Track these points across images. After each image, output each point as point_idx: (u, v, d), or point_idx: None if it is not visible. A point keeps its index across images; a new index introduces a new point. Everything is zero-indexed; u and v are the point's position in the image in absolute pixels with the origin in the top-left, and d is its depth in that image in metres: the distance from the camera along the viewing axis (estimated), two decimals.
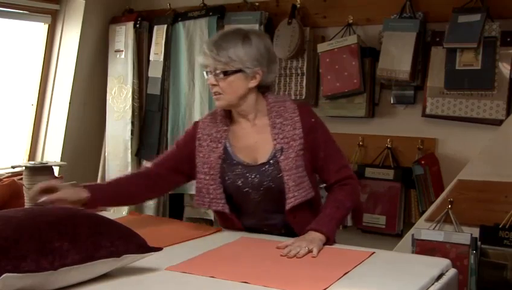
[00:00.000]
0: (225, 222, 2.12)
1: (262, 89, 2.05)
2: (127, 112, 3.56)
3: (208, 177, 2.02)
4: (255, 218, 2.07)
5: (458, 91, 2.82)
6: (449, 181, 2.78)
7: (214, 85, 1.96)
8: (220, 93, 1.97)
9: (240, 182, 2.00)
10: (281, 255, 1.75)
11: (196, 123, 2.14)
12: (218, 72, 1.94)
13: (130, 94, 3.56)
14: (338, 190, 2.02)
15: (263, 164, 1.99)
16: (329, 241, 1.87)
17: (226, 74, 1.93)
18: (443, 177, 2.93)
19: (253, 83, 1.98)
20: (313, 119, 2.03)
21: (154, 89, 3.54)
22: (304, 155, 1.98)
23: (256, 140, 2.02)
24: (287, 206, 1.96)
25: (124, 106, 3.58)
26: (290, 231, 2.02)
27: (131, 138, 3.55)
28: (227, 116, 2.07)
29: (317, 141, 2.01)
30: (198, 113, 3.39)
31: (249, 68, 1.95)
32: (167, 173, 2.11)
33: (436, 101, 2.90)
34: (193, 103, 3.43)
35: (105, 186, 2.13)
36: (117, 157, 3.59)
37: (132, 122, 3.55)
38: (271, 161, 1.98)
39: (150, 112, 3.57)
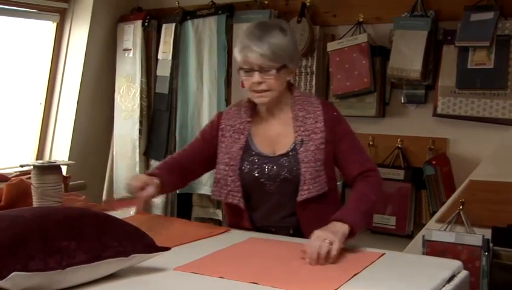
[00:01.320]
0: (234, 218, 2.12)
1: (287, 82, 2.07)
2: (135, 111, 3.57)
3: (227, 168, 2.03)
4: (266, 212, 2.06)
5: (470, 90, 2.81)
6: (460, 182, 2.76)
7: (259, 83, 1.95)
8: (266, 90, 1.97)
9: (256, 172, 2.01)
10: (305, 258, 1.69)
11: (220, 114, 2.16)
12: (267, 69, 1.93)
13: (138, 93, 3.56)
14: (362, 183, 2.00)
15: (282, 156, 2.01)
16: (354, 232, 1.82)
17: (278, 70, 1.93)
18: (454, 178, 2.92)
19: (289, 77, 2.02)
20: (335, 113, 2.07)
21: (162, 88, 3.54)
22: (325, 148, 1.99)
23: (278, 132, 2.04)
24: (300, 198, 1.96)
25: (132, 105, 3.59)
26: (298, 232, 2.02)
27: (140, 137, 3.56)
28: (252, 107, 2.08)
29: (340, 133, 2.03)
30: (206, 112, 3.39)
31: (291, 63, 1.98)
32: (193, 165, 2.15)
33: (447, 101, 2.89)
34: (201, 102, 3.43)
35: (166, 178, 2.08)
36: (125, 156, 3.60)
37: (140, 122, 3.56)
38: (290, 153, 2.00)
39: (158, 111, 3.58)
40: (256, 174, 2.01)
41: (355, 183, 2.01)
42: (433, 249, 2.56)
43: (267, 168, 2.01)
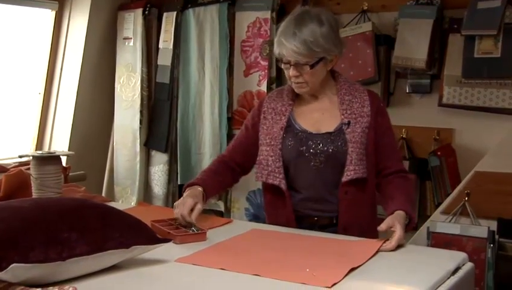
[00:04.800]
0: (274, 207, 2.11)
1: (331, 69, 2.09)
2: (136, 101, 3.57)
3: (268, 149, 2.04)
4: (308, 194, 2.04)
5: (476, 80, 2.80)
6: (466, 173, 2.76)
7: (296, 76, 1.99)
8: (303, 83, 2.00)
9: (302, 147, 2.02)
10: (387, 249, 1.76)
11: (262, 99, 2.20)
12: (301, 64, 1.96)
13: (138, 83, 3.56)
14: (401, 180, 2.05)
15: (328, 133, 2.02)
16: (411, 223, 1.93)
17: (312, 66, 1.96)
18: (460, 169, 2.92)
19: (330, 66, 2.04)
20: (381, 104, 2.12)
21: (163, 78, 3.54)
22: (369, 134, 2.02)
23: (323, 113, 2.07)
24: (345, 178, 1.97)
25: (133, 95, 3.58)
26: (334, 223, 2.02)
27: (140, 128, 3.56)
28: (294, 92, 2.10)
29: (383, 125, 2.07)
30: (208, 102, 3.39)
31: (330, 54, 1.99)
32: (242, 158, 2.17)
33: (453, 91, 2.88)
34: (203, 92, 3.42)
35: (210, 181, 2.11)
36: (125, 147, 3.60)
37: (141, 112, 3.56)
38: (336, 132, 2.02)
39: (159, 101, 3.57)
40: (302, 148, 2.02)
41: (394, 179, 2.05)
42: (438, 241, 2.56)
43: (313, 143, 2.01)
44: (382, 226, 1.85)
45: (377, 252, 1.72)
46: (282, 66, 2.02)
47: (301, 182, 2.06)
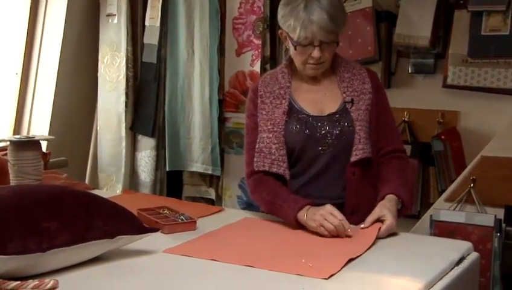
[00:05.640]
0: None
1: None
2: (121, 82, 3.54)
3: (271, 136, 2.03)
4: (313, 178, 2.04)
5: (483, 59, 2.80)
6: (472, 158, 2.77)
7: (319, 57, 1.99)
8: (322, 63, 2.02)
9: (307, 131, 2.02)
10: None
11: (255, 83, 2.19)
12: (327, 42, 1.96)
13: (123, 63, 3.53)
14: (398, 161, 2.07)
15: (333, 114, 2.03)
16: (405, 209, 1.93)
17: (338, 43, 2.01)
18: (465, 154, 2.93)
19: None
20: (380, 82, 2.17)
21: (150, 57, 3.52)
22: (371, 111, 2.04)
23: (323, 93, 2.08)
24: (354, 158, 1.99)
25: (118, 76, 3.56)
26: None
27: (126, 111, 3.54)
28: (289, 72, 2.11)
29: (383, 103, 2.11)
30: (198, 83, 3.37)
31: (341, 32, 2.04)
32: None
33: (458, 70, 2.88)
34: (192, 72, 3.41)
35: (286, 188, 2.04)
36: (110, 131, 3.59)
37: (126, 94, 3.54)
38: (340, 112, 2.03)
39: (146, 82, 3.55)
40: (307, 132, 2.02)
41: (391, 160, 2.07)
42: (442, 229, 2.58)
43: (319, 127, 2.02)
44: (368, 220, 1.84)
45: (375, 241, 1.73)
46: (299, 49, 1.98)
47: (306, 167, 2.05)
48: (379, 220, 1.84)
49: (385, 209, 1.86)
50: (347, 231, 1.79)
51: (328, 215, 1.81)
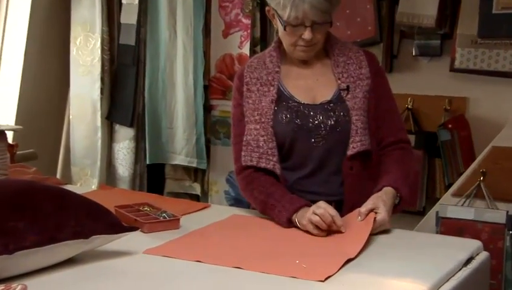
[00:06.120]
0: None
1: None
2: (95, 66, 3.53)
3: (258, 127, 2.03)
4: (307, 174, 2.04)
5: (495, 40, 2.81)
6: (482, 148, 2.79)
7: (310, 39, 1.97)
8: (313, 45, 2.00)
9: (298, 120, 2.01)
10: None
11: (241, 69, 2.17)
12: (319, 23, 1.95)
13: (98, 45, 3.52)
14: (402, 152, 2.07)
15: (327, 103, 2.03)
16: (403, 203, 1.93)
17: (331, 23, 2.00)
18: (474, 144, 2.94)
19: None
20: (379, 65, 2.16)
21: (127, 39, 3.51)
22: (370, 99, 2.03)
23: (316, 80, 2.07)
24: (351, 151, 1.98)
25: (92, 59, 3.55)
26: (339, 206, 1.99)
27: (101, 98, 3.53)
28: (278, 56, 2.10)
29: (383, 88, 2.10)
30: (181, 67, 3.37)
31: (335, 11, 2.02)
32: None
33: (467, 53, 2.89)
34: (175, 55, 3.40)
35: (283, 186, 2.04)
36: (84, 120, 3.58)
37: (102, 79, 3.53)
38: (335, 100, 2.02)
39: (123, 66, 3.54)
40: (300, 123, 2.01)
41: (393, 152, 2.07)
42: (449, 227, 2.59)
43: (311, 117, 2.01)
44: (361, 211, 1.83)
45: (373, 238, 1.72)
46: (288, 29, 1.97)
47: (299, 161, 2.05)
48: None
49: (380, 201, 1.85)
50: (339, 227, 1.79)
51: (317, 208, 1.82)
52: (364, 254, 1.64)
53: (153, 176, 3.58)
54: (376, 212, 1.82)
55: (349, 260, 1.57)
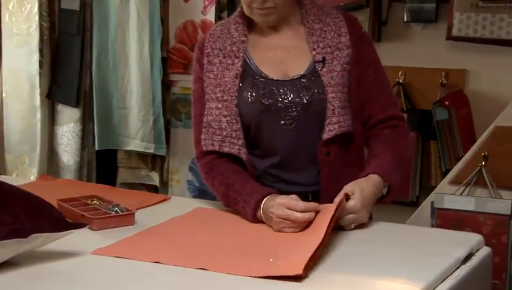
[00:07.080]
0: None
1: None
2: (33, 35, 3.50)
3: (220, 106, 2.02)
4: (278, 161, 2.04)
5: (498, 3, 2.83)
6: (483, 129, 2.81)
7: (264, 0, 1.97)
8: (271, 8, 1.99)
9: (266, 100, 2.00)
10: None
11: (203, 38, 2.16)
12: None
13: (35, 10, 3.49)
14: (392, 133, 2.06)
15: (299, 78, 2.02)
16: (393, 193, 1.94)
17: None
18: (475, 124, 2.97)
19: None
20: (363, 30, 2.15)
21: (70, 3, 3.48)
22: (351, 72, 2.03)
23: (288, 51, 2.06)
24: (327, 134, 1.97)
25: (28, 27, 3.52)
26: (316, 197, 2.01)
27: (40, 73, 3.50)
28: (245, 23, 2.09)
29: (368, 57, 2.09)
30: (134, 36, 3.35)
31: None
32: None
33: (466, 18, 2.91)
34: (127, 22, 3.38)
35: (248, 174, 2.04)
36: (19, 99, 3.55)
37: (40, 50, 3.50)
38: (309, 75, 2.01)
39: (66, 35, 3.52)
40: (267, 103, 2.00)
41: (382, 130, 2.07)
42: (445, 219, 2.62)
43: (281, 95, 2.00)
44: (335, 200, 1.82)
45: (334, 215, 1.71)
46: None
47: (268, 146, 2.05)
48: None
49: (356, 187, 1.85)
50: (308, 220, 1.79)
51: (282, 210, 1.80)
52: (352, 253, 1.66)
53: (103, 164, 3.56)
54: (347, 199, 1.82)
55: (332, 258, 1.58)
